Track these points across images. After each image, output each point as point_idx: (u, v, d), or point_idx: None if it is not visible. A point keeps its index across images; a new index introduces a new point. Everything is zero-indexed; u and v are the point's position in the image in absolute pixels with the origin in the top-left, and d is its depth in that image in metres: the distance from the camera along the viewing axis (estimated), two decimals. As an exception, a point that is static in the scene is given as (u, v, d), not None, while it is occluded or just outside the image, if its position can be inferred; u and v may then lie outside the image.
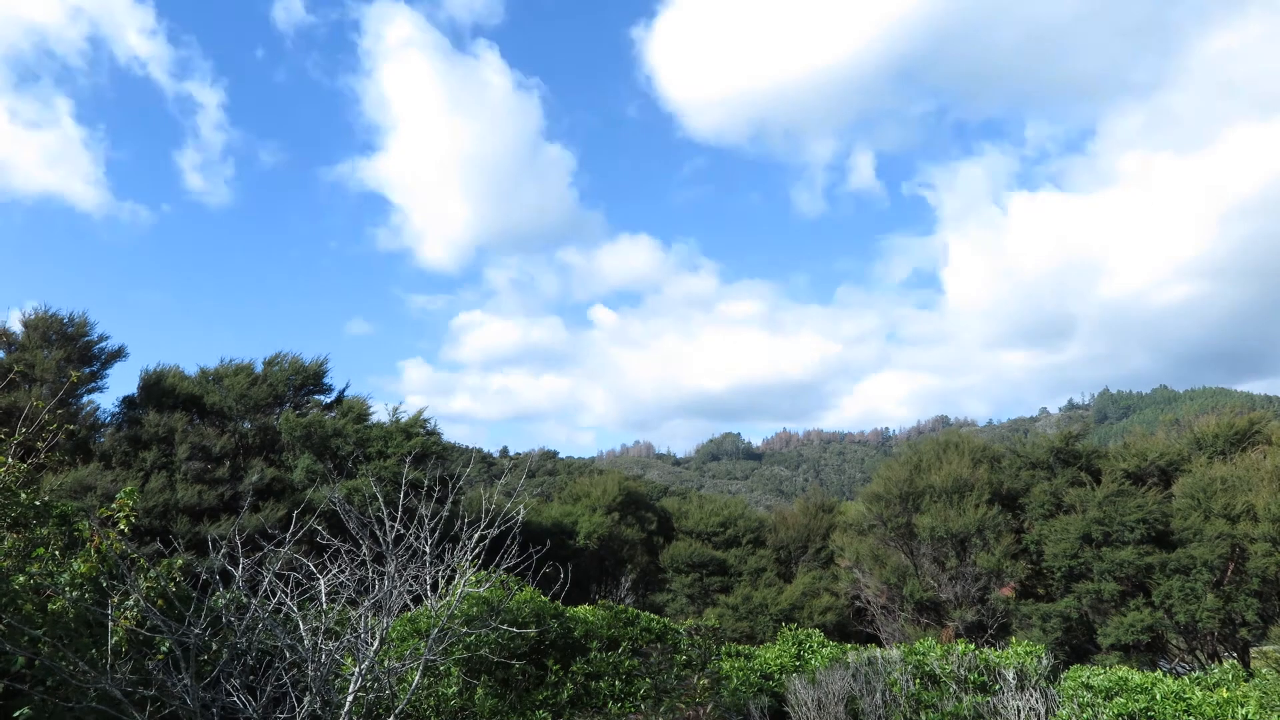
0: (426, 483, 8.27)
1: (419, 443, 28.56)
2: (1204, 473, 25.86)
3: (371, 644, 6.58)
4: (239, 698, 6.24)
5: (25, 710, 6.11)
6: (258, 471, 26.52)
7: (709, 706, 9.89)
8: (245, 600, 6.55)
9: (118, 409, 28.04)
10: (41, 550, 7.03)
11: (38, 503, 7.39)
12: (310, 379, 30.81)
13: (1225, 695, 9.83)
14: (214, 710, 6.15)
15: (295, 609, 6.62)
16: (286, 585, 6.77)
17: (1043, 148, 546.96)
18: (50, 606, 6.41)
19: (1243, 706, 9.33)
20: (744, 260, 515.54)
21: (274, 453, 28.90)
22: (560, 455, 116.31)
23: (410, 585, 6.95)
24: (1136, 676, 10.41)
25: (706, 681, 10.09)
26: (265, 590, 6.51)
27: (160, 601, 6.83)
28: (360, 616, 6.61)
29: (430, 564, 6.96)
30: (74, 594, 6.47)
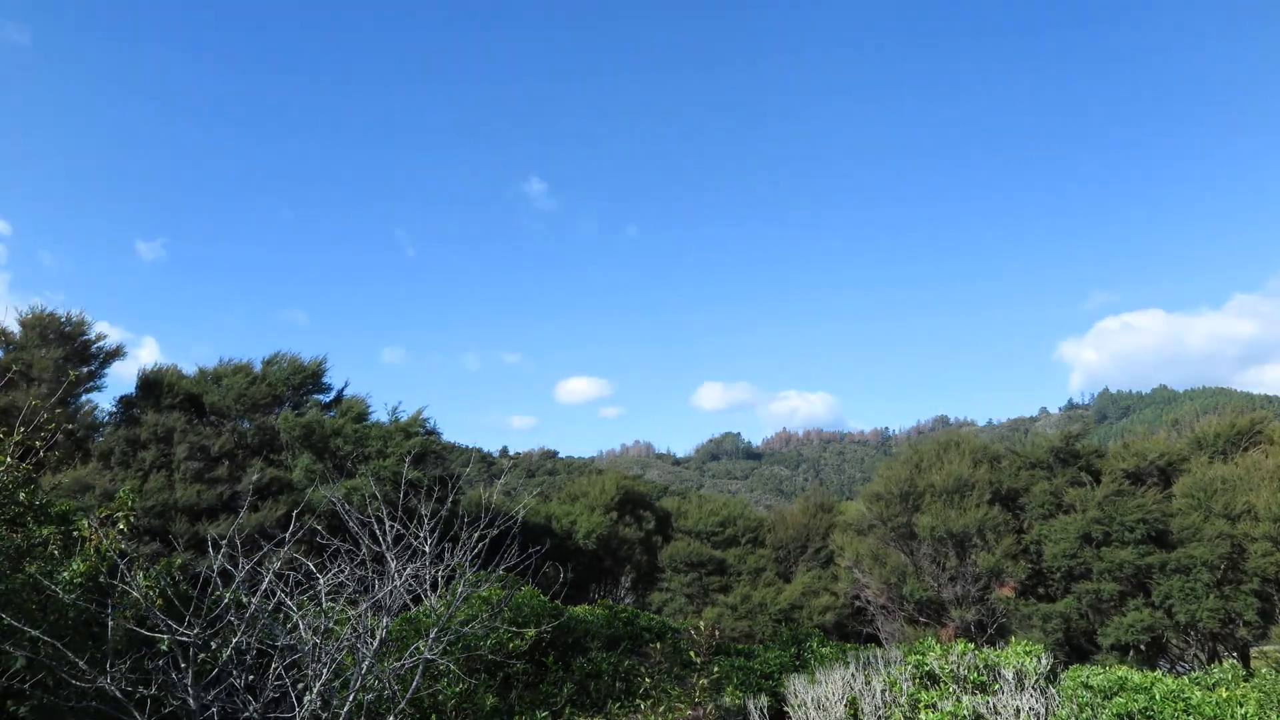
0: (426, 482, 8.27)
1: (418, 442, 28.53)
2: (1204, 472, 25.87)
3: (371, 644, 6.57)
4: (239, 697, 6.23)
5: (25, 710, 6.10)
6: (257, 471, 26.51)
7: (709, 706, 9.89)
8: (245, 600, 6.54)
9: (115, 408, 28.01)
10: (40, 550, 7.02)
11: (35, 502, 7.38)
12: (309, 378, 30.79)
13: (1225, 695, 9.84)
14: (214, 710, 6.14)
15: (295, 608, 6.61)
16: (286, 585, 6.76)
17: None
18: (49, 606, 6.40)
19: (1242, 706, 9.32)
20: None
21: (273, 452, 28.88)
22: (560, 455, 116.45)
23: (410, 585, 6.94)
24: (1136, 676, 10.40)
25: (706, 681, 10.09)
26: (265, 590, 6.50)
27: (159, 601, 6.82)
28: (360, 616, 6.60)
29: (430, 563, 6.95)
30: (73, 593, 6.46)
